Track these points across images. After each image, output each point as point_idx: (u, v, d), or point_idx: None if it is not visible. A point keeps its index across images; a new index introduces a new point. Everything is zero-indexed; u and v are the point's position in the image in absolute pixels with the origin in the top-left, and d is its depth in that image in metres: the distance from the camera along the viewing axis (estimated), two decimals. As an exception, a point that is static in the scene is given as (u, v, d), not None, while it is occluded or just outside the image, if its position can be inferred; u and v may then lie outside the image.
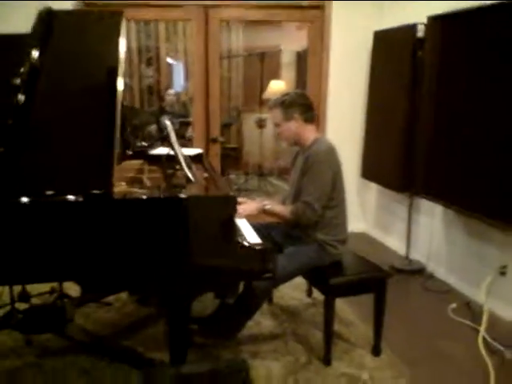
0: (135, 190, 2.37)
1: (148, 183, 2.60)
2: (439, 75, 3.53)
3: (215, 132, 4.68)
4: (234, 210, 2.06)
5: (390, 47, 4.17)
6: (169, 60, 7.23)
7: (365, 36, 4.53)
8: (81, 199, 1.90)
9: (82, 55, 2.37)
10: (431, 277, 3.87)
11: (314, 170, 2.57)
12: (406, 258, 4.07)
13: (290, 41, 7.13)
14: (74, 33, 2.54)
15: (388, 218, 4.65)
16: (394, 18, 4.19)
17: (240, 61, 7.40)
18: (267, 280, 2.22)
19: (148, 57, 7.12)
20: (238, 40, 7.24)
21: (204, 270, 2.04)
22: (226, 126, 6.87)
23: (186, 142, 5.45)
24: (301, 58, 7.04)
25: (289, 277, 2.68)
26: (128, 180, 2.71)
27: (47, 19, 2.41)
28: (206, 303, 3.05)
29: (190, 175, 2.34)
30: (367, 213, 5.00)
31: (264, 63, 6.70)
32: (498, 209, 2.97)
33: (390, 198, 4.48)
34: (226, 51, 7.30)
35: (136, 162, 3.19)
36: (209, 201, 2.06)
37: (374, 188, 4.78)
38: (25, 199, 1.87)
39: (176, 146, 2.37)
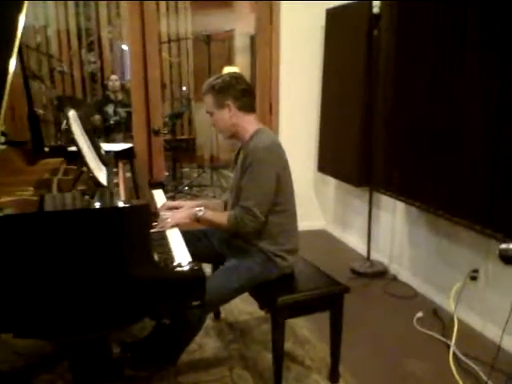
0: (32, 197, 1.91)
1: (55, 188, 2.13)
2: (397, 57, 3.17)
3: (157, 123, 4.22)
4: (146, 223, 1.63)
5: (344, 26, 3.80)
6: (123, 46, 6.68)
7: (317, 14, 4.14)
8: None
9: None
10: (394, 279, 3.54)
11: (254, 170, 2.16)
12: (367, 259, 3.73)
13: (244, 24, 6.68)
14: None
15: (347, 214, 4.30)
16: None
17: (190, 46, 6.91)
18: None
19: (89, 41, 6.56)
20: (186, 23, 6.75)
21: (109, 298, 1.61)
22: (176, 117, 6.40)
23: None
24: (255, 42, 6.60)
25: (229, 296, 2.28)
26: (36, 184, 2.25)
27: None
28: (144, 323, 2.62)
29: (99, 178, 1.89)
30: (325, 209, 4.64)
31: (214, 48, 6.24)
32: (467, 206, 2.64)
33: (349, 192, 4.13)
34: (174, 36, 6.83)
35: (54, 161, 2.73)
36: (108, 213, 1.60)
37: (331, 182, 4.42)
38: None
39: (80, 141, 1.91)
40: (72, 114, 2.07)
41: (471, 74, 2.54)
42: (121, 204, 1.68)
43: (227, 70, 6.53)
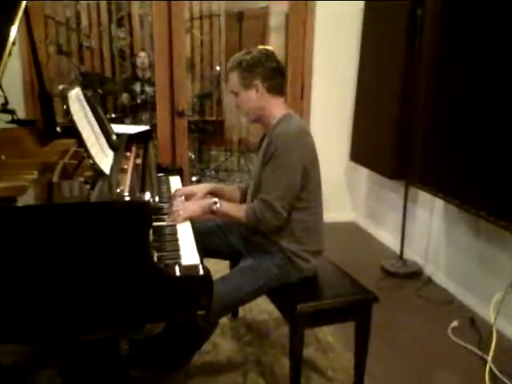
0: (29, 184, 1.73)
1: (57, 172, 1.94)
2: (442, 41, 2.84)
3: (182, 104, 4.00)
4: (143, 223, 1.43)
5: (385, 7, 3.50)
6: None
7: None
8: None
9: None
10: (429, 282, 3.27)
11: (277, 159, 1.92)
12: (400, 257, 3.46)
13: (279, 1, 6.37)
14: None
15: (380, 207, 4.02)
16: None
17: (222, 23, 6.64)
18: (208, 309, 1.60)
19: (119, 17, 6.37)
20: (218, -1, 6.48)
21: (104, 303, 1.43)
22: (204, 97, 6.19)
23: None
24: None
25: (244, 300, 2.09)
26: (41, 167, 2.08)
27: None
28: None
29: (101, 166, 1.69)
30: (357, 200, 4.37)
31: (247, 25, 5.95)
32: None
33: (383, 184, 3.84)
34: (207, 10, 6.57)
35: (67, 142, 2.55)
36: (94, 209, 1.40)
37: (364, 173, 4.13)
38: None
39: (81, 123, 1.71)
40: (75, 93, 1.87)
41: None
42: (113, 199, 1.48)
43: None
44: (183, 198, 2.12)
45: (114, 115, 5.65)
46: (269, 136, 2.02)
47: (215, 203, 2.00)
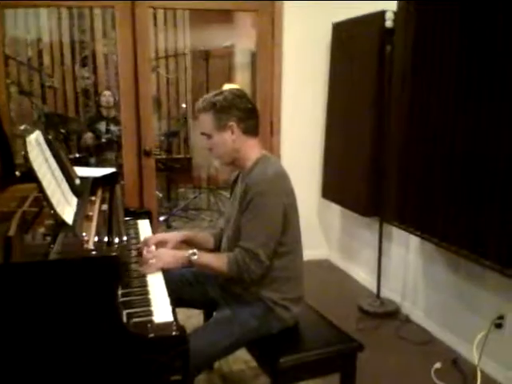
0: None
1: (15, 223, 1.79)
2: (413, 77, 2.85)
3: (149, 144, 3.89)
4: (114, 279, 1.30)
5: (353, 41, 3.49)
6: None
7: (323, 29, 3.86)
8: None
9: None
10: (407, 321, 3.18)
11: (256, 206, 1.82)
12: (377, 296, 3.37)
13: (245, 39, 6.40)
14: None
15: (354, 244, 3.95)
16: (356, 6, 3.48)
17: (188, 61, 6.63)
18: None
19: (83, 55, 6.27)
20: (184, 38, 6.47)
21: (66, 369, 1.28)
22: (172, 135, 6.10)
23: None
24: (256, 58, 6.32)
25: (220, 355, 1.96)
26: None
27: None
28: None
29: (63, 216, 1.56)
30: (330, 237, 4.29)
31: (213, 64, 5.95)
32: (493, 245, 2.31)
33: (356, 221, 3.78)
34: (172, 49, 6.55)
35: (26, 187, 2.39)
36: (63, 266, 1.27)
37: (337, 209, 4.06)
38: None
39: (40, 170, 1.58)
40: (34, 137, 1.74)
41: (498, 96, 2.23)
42: (76, 254, 1.34)
43: (227, 87, 6.23)
44: (153, 247, 1.99)
45: (77, 155, 5.48)
46: (244, 180, 1.93)
47: (193, 254, 1.87)
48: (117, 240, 1.67)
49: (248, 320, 1.89)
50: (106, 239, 1.63)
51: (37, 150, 1.70)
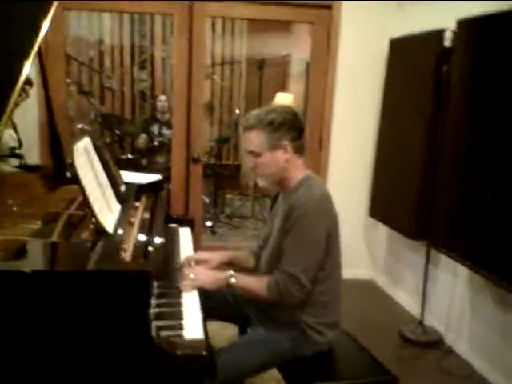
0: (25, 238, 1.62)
1: (60, 225, 1.83)
2: (471, 98, 2.73)
3: (198, 150, 3.92)
4: (145, 293, 1.29)
5: (409, 59, 3.41)
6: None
7: (380, 44, 3.77)
8: None
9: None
10: (449, 352, 3.04)
11: (300, 229, 1.77)
12: (420, 323, 3.25)
13: (301, 49, 6.37)
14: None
15: (400, 266, 3.84)
16: (415, 22, 3.40)
17: (243, 69, 6.66)
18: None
19: (142, 59, 6.42)
20: (241, 46, 6.51)
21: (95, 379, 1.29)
22: (222, 141, 6.13)
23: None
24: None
25: (251, 373, 1.95)
26: (45, 217, 1.98)
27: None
28: None
29: (104, 224, 1.58)
30: (375, 258, 4.18)
31: (268, 72, 5.95)
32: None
33: (403, 243, 3.66)
34: (229, 56, 6.61)
35: (75, 189, 2.44)
36: (97, 277, 1.28)
37: (383, 230, 3.96)
38: None
39: (85, 178, 1.60)
40: (82, 144, 1.77)
41: None
42: (111, 267, 1.35)
43: (280, 96, 6.24)
44: (194, 263, 1.98)
45: (130, 156, 5.61)
46: (287, 200, 1.88)
47: (231, 276, 1.84)
48: (154, 250, 1.67)
49: (281, 341, 1.86)
50: (143, 249, 1.64)
51: (84, 157, 1.73)
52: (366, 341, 2.46)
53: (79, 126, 5.37)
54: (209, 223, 5.23)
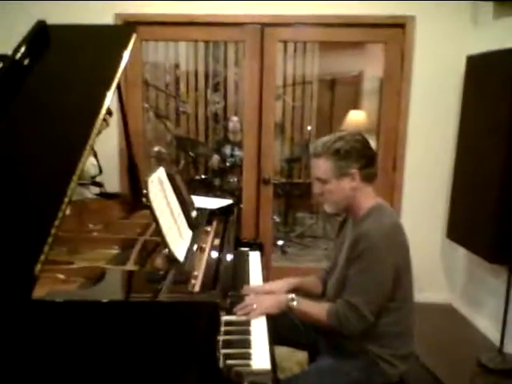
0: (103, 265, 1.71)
1: (135, 252, 1.92)
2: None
3: (268, 171, 3.97)
4: (213, 326, 1.33)
5: (487, 76, 3.27)
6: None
7: (456, 61, 3.64)
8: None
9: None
10: (532, 383, 2.86)
11: (366, 260, 1.74)
12: (499, 351, 3.07)
13: (374, 66, 6.29)
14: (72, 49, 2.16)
15: (479, 291, 3.65)
16: (491, 40, 3.28)
17: (315, 88, 6.67)
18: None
19: (215, 82, 6.61)
20: (313, 65, 6.53)
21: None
22: (293, 161, 6.15)
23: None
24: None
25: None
26: (122, 243, 2.09)
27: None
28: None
29: (175, 254, 1.64)
30: (453, 281, 4.00)
31: (340, 90, 5.94)
32: None
33: (483, 267, 3.49)
34: (300, 76, 6.65)
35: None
36: (165, 309, 1.33)
37: (462, 251, 3.78)
38: None
39: (159, 209, 1.68)
40: (156, 176, 1.85)
41: None
42: (179, 298, 1.39)
43: (353, 113, 6.19)
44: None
45: (203, 176, 5.76)
46: (356, 228, 1.86)
47: (292, 300, 1.85)
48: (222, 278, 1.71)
49: (350, 371, 1.83)
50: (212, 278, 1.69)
51: (158, 188, 1.81)
52: (442, 368, 2.39)
53: (156, 148, 5.61)
54: (280, 242, 5.26)
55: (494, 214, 3.13)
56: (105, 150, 3.25)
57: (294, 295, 1.87)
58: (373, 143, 2.10)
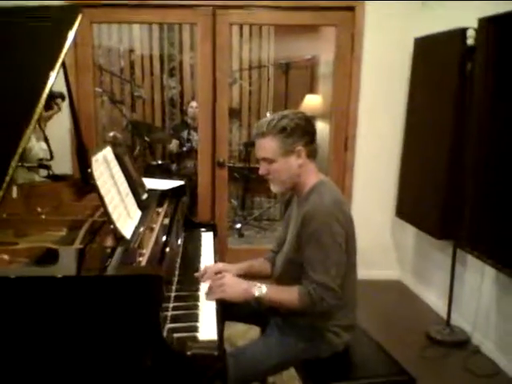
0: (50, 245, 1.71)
1: (82, 232, 1.91)
2: (494, 96, 2.70)
3: (223, 155, 4.00)
4: (156, 298, 1.36)
5: (434, 57, 3.38)
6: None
7: (404, 43, 3.75)
8: None
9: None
10: (476, 352, 3.01)
11: (321, 238, 1.77)
12: (447, 323, 3.22)
13: (329, 50, 6.37)
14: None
15: (427, 267, 3.80)
16: (439, 22, 3.38)
17: (271, 72, 6.70)
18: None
19: (171, 67, 6.55)
20: (269, 49, 6.55)
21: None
22: (251, 145, 6.18)
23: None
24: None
25: (267, 373, 1.99)
26: (71, 224, 2.08)
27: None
28: None
29: (121, 231, 1.66)
30: (403, 258, 4.15)
31: (295, 75, 5.98)
32: None
33: (430, 243, 3.63)
34: (256, 61, 6.66)
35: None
36: (109, 282, 1.36)
37: (411, 230, 3.93)
38: None
39: (103, 187, 1.69)
40: (102, 155, 1.86)
41: None
42: (122, 272, 1.42)
43: (309, 98, 6.26)
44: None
45: (160, 162, 5.73)
46: (301, 207, 1.90)
47: (259, 288, 1.81)
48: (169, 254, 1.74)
49: (297, 342, 1.89)
50: (159, 254, 1.71)
51: (103, 167, 1.81)
52: (392, 341, 2.49)
53: (111, 134, 5.53)
54: (238, 225, 5.31)
55: (440, 193, 3.25)
56: (57, 135, 3.21)
57: (259, 284, 1.83)
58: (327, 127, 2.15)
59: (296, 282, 1.84)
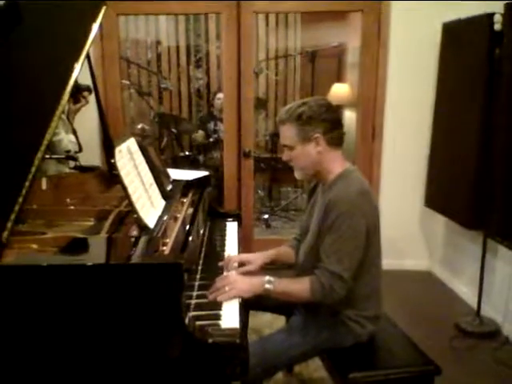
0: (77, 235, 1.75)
1: (109, 222, 1.94)
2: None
3: (248, 145, 3.99)
4: (177, 286, 1.37)
5: (462, 43, 3.29)
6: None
7: (432, 28, 3.65)
8: None
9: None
10: (506, 343, 2.95)
11: (341, 227, 1.76)
12: (477, 314, 3.16)
13: (358, 37, 6.28)
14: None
15: (458, 257, 3.73)
16: (466, 6, 3.28)
17: (298, 62, 6.65)
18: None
19: (197, 58, 6.56)
20: (295, 38, 6.49)
21: (129, 368, 1.39)
22: (277, 135, 6.16)
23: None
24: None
25: (291, 362, 1.99)
26: (98, 214, 2.12)
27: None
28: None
29: (145, 220, 1.68)
30: (432, 248, 4.07)
31: (322, 63, 5.91)
32: None
33: (461, 233, 3.56)
34: (283, 50, 6.62)
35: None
36: (131, 270, 1.38)
37: (441, 219, 3.85)
38: None
39: (127, 177, 1.71)
40: (126, 146, 1.87)
41: None
42: (144, 260, 1.44)
43: (336, 87, 6.19)
44: (236, 264, 2.04)
45: (187, 153, 5.76)
46: (325, 195, 1.89)
47: (269, 282, 1.80)
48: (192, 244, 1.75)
49: (321, 331, 1.89)
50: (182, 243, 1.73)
51: (127, 158, 1.83)
52: (421, 332, 2.47)
53: (139, 126, 5.59)
54: (265, 216, 5.31)
55: (471, 181, 3.18)
56: (86, 127, 3.26)
57: (268, 277, 1.82)
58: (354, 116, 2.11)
59: None
